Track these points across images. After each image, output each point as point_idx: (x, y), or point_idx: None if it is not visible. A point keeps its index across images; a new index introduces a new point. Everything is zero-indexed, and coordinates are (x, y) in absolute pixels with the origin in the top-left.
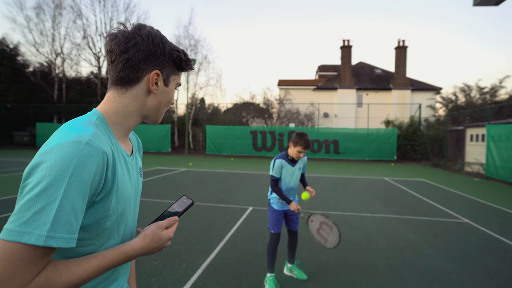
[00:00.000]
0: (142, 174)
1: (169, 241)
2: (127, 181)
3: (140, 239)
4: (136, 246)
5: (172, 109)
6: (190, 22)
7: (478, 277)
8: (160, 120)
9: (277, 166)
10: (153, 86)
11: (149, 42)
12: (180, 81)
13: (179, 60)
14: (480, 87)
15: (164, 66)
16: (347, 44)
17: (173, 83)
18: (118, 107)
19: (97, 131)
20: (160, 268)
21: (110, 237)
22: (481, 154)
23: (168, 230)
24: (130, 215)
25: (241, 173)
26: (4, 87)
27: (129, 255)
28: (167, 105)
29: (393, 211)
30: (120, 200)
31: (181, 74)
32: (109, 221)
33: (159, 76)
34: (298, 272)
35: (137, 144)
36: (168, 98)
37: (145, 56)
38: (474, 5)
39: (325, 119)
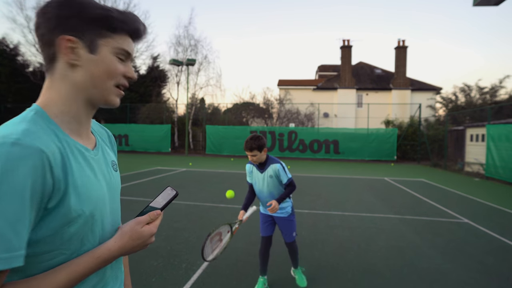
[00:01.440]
0: (117, 169)
1: (153, 237)
2: (91, 178)
3: (117, 238)
4: (113, 247)
5: (172, 109)
6: (190, 22)
7: (478, 277)
8: (114, 100)
9: (247, 170)
10: (68, 56)
11: (57, 6)
12: (124, 47)
13: (105, 18)
14: (480, 87)
15: (83, 30)
16: (347, 44)
17: (105, 48)
18: (53, 94)
19: (32, 127)
20: (160, 268)
21: (83, 242)
22: (481, 154)
23: (150, 225)
24: (107, 215)
25: (241, 173)
26: (4, 87)
27: (105, 258)
28: (107, 78)
29: (393, 211)
30: (84, 201)
31: (123, 39)
32: (75, 225)
33: (76, 42)
34: (298, 277)
35: (107, 137)
36: (102, 68)
37: (55, 24)
38: (474, 5)
39: (325, 119)
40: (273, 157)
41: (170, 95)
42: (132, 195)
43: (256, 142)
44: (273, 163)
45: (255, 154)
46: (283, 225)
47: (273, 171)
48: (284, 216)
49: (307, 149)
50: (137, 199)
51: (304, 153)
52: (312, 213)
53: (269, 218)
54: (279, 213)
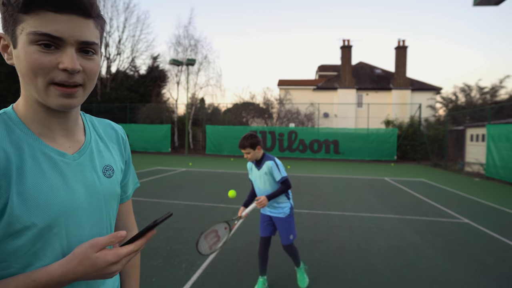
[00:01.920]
0: (111, 174)
1: (114, 266)
2: (55, 185)
3: (64, 261)
4: (55, 272)
5: (172, 109)
6: (190, 22)
7: (478, 277)
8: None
9: (248, 168)
10: (4, 56)
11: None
12: (38, 29)
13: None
14: (480, 87)
15: (5, 21)
16: (347, 44)
17: (21, 37)
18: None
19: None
20: (160, 268)
21: (38, 256)
22: (481, 154)
23: (108, 253)
24: (81, 226)
25: (241, 173)
26: (4, 87)
27: (43, 284)
28: (32, 74)
29: (393, 211)
30: (35, 211)
31: (36, 19)
32: (22, 238)
33: (5, 38)
34: (299, 277)
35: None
36: (24, 63)
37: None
38: (474, 5)
39: (325, 119)
40: (268, 155)
41: (170, 95)
42: (132, 195)
43: (248, 140)
44: (267, 160)
45: (249, 152)
46: (280, 226)
47: (267, 168)
48: (281, 217)
49: (307, 149)
50: (137, 199)
51: (304, 153)
52: (312, 213)
53: (267, 218)
54: (277, 213)
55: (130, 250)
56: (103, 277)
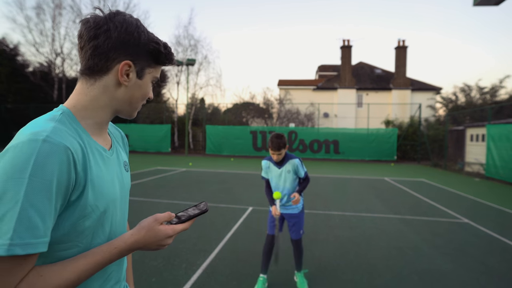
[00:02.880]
0: (128, 169)
1: (169, 239)
2: (106, 177)
3: (135, 231)
4: (129, 240)
5: (172, 109)
6: (190, 22)
7: (478, 277)
8: (134, 115)
9: (263, 166)
10: (123, 78)
11: (122, 30)
12: (158, 76)
13: (156, 52)
14: (480, 87)
15: (138, 57)
16: (347, 44)
17: (148, 76)
18: (86, 100)
19: (59, 126)
20: (160, 268)
21: (94, 237)
22: (481, 154)
23: (167, 228)
24: (117, 213)
25: (241, 173)
26: (4, 87)
27: (121, 250)
28: (141, 100)
29: (393, 211)
30: (99, 198)
31: (159, 68)
32: (89, 220)
33: (131, 67)
34: (299, 280)
35: (120, 138)
36: (142, 92)
37: (116, 44)
38: (474, 5)
39: (325, 119)
40: (290, 154)
41: (170, 95)
42: (132, 195)
43: (282, 140)
44: (292, 158)
45: (281, 153)
46: (292, 222)
47: (292, 166)
48: (295, 213)
49: (307, 149)
50: (137, 199)
51: (304, 153)
52: (312, 213)
53: (279, 216)
54: (291, 209)
55: (183, 228)
56: (159, 247)
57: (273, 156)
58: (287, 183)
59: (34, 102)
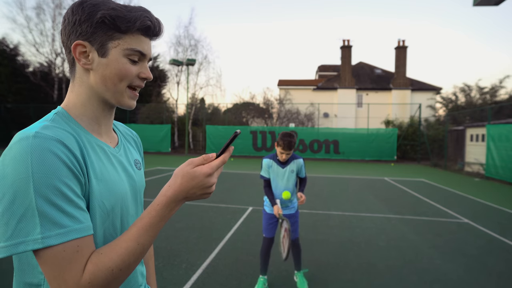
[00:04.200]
0: (141, 167)
1: (211, 178)
2: (112, 173)
3: (171, 181)
4: (168, 191)
5: (172, 109)
6: (190, 22)
7: (478, 277)
8: (126, 102)
9: (265, 165)
10: (81, 61)
11: (70, 12)
12: (134, 47)
13: (110, 19)
14: (480, 87)
15: (93, 34)
16: (347, 44)
17: (115, 50)
18: (73, 97)
19: (51, 124)
20: (160, 268)
21: (105, 236)
22: (481, 154)
23: (203, 166)
24: (128, 211)
25: (241, 173)
26: (4, 87)
27: (166, 204)
28: (118, 80)
29: (393, 211)
30: (105, 194)
31: (134, 38)
32: (97, 217)
33: (86, 46)
34: (299, 280)
35: (132, 139)
36: (114, 71)
37: (70, 29)
38: (474, 5)
39: (325, 119)
40: (294, 153)
41: (170, 95)
42: None
43: (294, 140)
44: (296, 158)
45: (291, 153)
46: (291, 221)
47: (297, 166)
48: (292, 213)
49: (307, 149)
50: None
51: (304, 153)
52: (312, 213)
53: (274, 218)
54: (289, 209)
55: (221, 161)
56: (205, 191)
57: (282, 155)
58: (288, 183)
59: (34, 102)
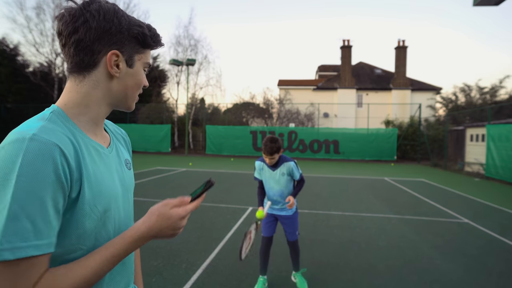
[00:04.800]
0: (130, 167)
1: (183, 220)
2: (105, 175)
3: (145, 218)
4: (141, 227)
5: (172, 109)
6: (190, 22)
7: (478, 277)
8: (133, 106)
9: (256, 167)
10: (113, 69)
11: (101, 18)
12: (149, 61)
13: (142, 36)
14: (480, 87)
15: (124, 45)
16: (347, 44)
17: (139, 63)
18: (78, 97)
19: (49, 125)
20: (160, 268)
21: (97, 238)
22: (481, 154)
23: (179, 209)
24: (120, 212)
25: (241, 173)
26: (4, 87)
27: (135, 239)
28: (137, 89)
29: (393, 211)
30: (98, 197)
31: (149, 53)
32: (89, 221)
33: (119, 56)
34: (299, 280)
35: (121, 137)
36: (135, 81)
37: (98, 35)
38: (474, 5)
39: (325, 119)
40: (285, 156)
41: (170, 95)
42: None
43: (276, 145)
44: (287, 161)
45: (274, 157)
46: (287, 224)
47: (287, 169)
48: (289, 215)
49: (307, 149)
50: (137, 199)
51: (304, 153)
52: (312, 213)
53: (272, 218)
54: (285, 211)
55: (195, 206)
56: (174, 231)
57: (266, 159)
58: (282, 185)
59: (34, 102)
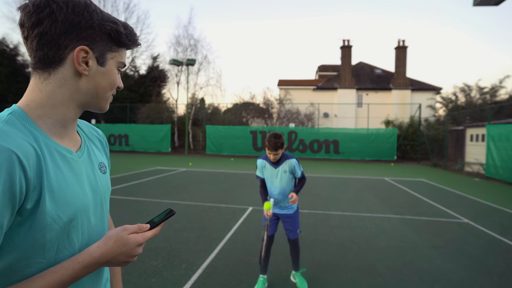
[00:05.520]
0: (105, 171)
1: (140, 248)
2: (71, 182)
3: (101, 243)
4: (95, 252)
5: (172, 109)
6: (190, 22)
7: (478, 277)
8: (106, 107)
9: (258, 166)
10: (81, 66)
11: (69, 10)
12: (123, 60)
13: (116, 33)
14: (480, 87)
15: (95, 41)
16: (347, 44)
17: (111, 62)
18: (42, 96)
19: (5, 127)
20: (160, 268)
21: (59, 250)
22: (481, 154)
23: (137, 235)
24: (90, 221)
25: (241, 173)
26: (4, 87)
27: (86, 265)
28: (109, 89)
29: (393, 211)
30: (62, 206)
31: (124, 52)
32: (49, 232)
33: (89, 53)
34: (299, 280)
35: (97, 138)
36: (108, 81)
37: (65, 28)
38: (474, 5)
39: (325, 119)
40: (287, 153)
41: (170, 95)
42: (132, 195)
43: (280, 140)
44: (288, 158)
45: (278, 153)
46: (288, 222)
47: (289, 166)
48: (290, 213)
49: (307, 149)
50: (137, 199)
51: (304, 153)
52: (312, 213)
53: (274, 217)
54: (286, 210)
55: (153, 233)
56: (128, 259)
57: (270, 156)
58: (283, 183)
59: None
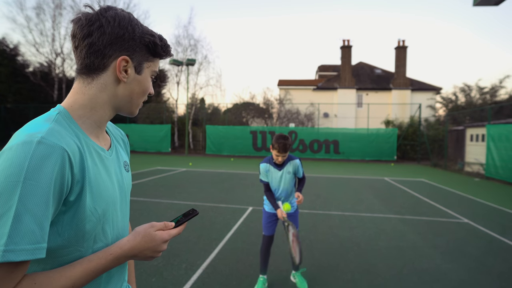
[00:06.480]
0: (129, 169)
1: (165, 244)
2: (104, 178)
3: (130, 237)
4: (125, 246)
5: (172, 109)
6: (190, 22)
7: (478, 277)
8: (136, 112)
9: (262, 170)
10: (121, 74)
11: (115, 24)
12: (156, 69)
13: (153, 44)
14: (480, 87)
15: (135, 52)
16: (347, 44)
17: (147, 70)
18: (84, 99)
19: (56, 127)
20: (160, 268)
21: (96, 240)
22: (481, 154)
23: (163, 232)
24: (117, 215)
25: (241, 173)
26: (4, 87)
27: (117, 256)
28: (141, 96)
29: (393, 211)
30: (97, 200)
31: (157, 62)
32: (89, 223)
33: (128, 62)
34: (299, 280)
35: (121, 138)
36: (142, 88)
37: (111, 40)
38: (474, 5)
39: (325, 119)
40: (290, 154)
41: (170, 95)
42: (133, 195)
43: (289, 141)
44: (292, 159)
45: (286, 155)
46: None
47: (293, 167)
48: (291, 212)
49: (307, 149)
50: (137, 199)
51: (304, 153)
52: (312, 213)
53: (273, 217)
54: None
55: (178, 231)
56: (154, 254)
57: (278, 158)
58: (286, 184)
59: (34, 102)
